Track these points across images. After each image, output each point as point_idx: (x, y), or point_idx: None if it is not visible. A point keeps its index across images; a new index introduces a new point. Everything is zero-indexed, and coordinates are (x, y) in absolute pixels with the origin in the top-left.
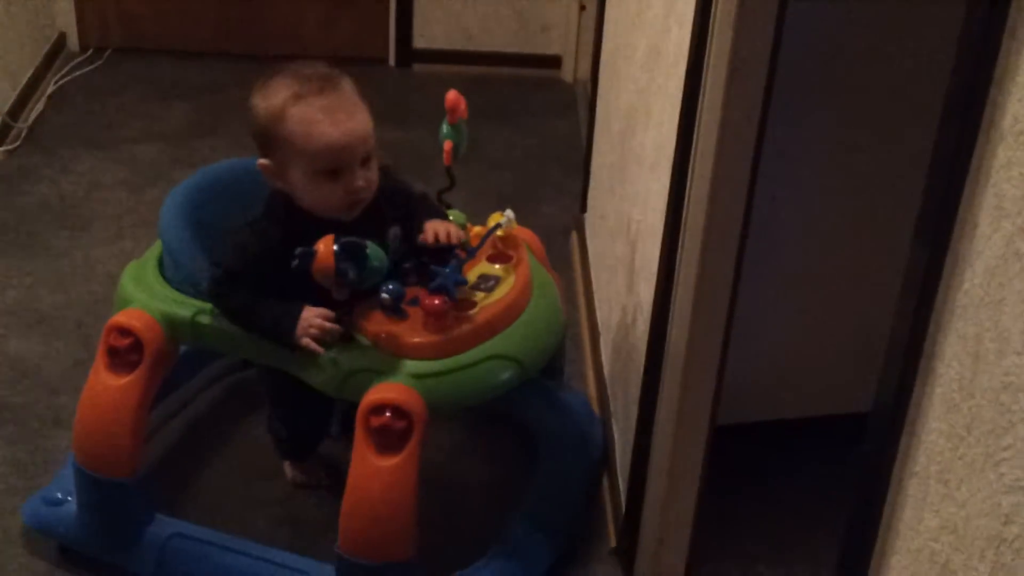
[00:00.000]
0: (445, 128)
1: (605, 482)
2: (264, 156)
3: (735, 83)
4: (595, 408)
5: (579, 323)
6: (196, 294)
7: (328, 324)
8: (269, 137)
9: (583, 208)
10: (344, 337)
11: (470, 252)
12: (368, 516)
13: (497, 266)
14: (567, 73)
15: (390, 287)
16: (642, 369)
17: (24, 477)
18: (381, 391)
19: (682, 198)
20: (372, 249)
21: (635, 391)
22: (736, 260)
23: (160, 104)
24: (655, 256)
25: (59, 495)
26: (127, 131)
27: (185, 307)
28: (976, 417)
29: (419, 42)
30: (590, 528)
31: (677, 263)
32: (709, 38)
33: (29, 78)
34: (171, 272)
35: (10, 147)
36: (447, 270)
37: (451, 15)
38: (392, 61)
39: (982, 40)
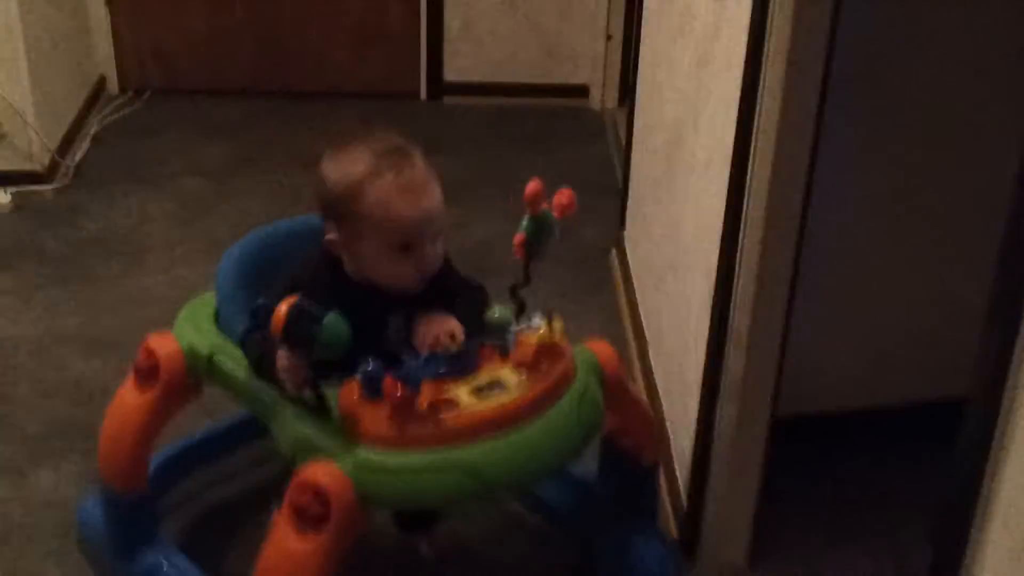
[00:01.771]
0: (524, 221)
1: (662, 476)
2: (332, 224)
3: (793, 76)
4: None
5: (624, 334)
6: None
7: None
8: (342, 210)
9: (622, 225)
10: (321, 408)
11: (501, 349)
12: None
13: (520, 374)
14: (595, 101)
15: (369, 366)
16: (702, 366)
17: None
18: (313, 469)
19: (742, 191)
20: (330, 321)
21: (693, 389)
22: (795, 250)
23: (200, 140)
24: (714, 251)
25: None
26: (170, 167)
27: (208, 344)
28: None
29: (449, 75)
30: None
31: (738, 255)
32: (767, 35)
33: (73, 119)
34: (220, 312)
35: (59, 185)
36: (418, 361)
37: (480, 48)
38: (424, 94)
39: None
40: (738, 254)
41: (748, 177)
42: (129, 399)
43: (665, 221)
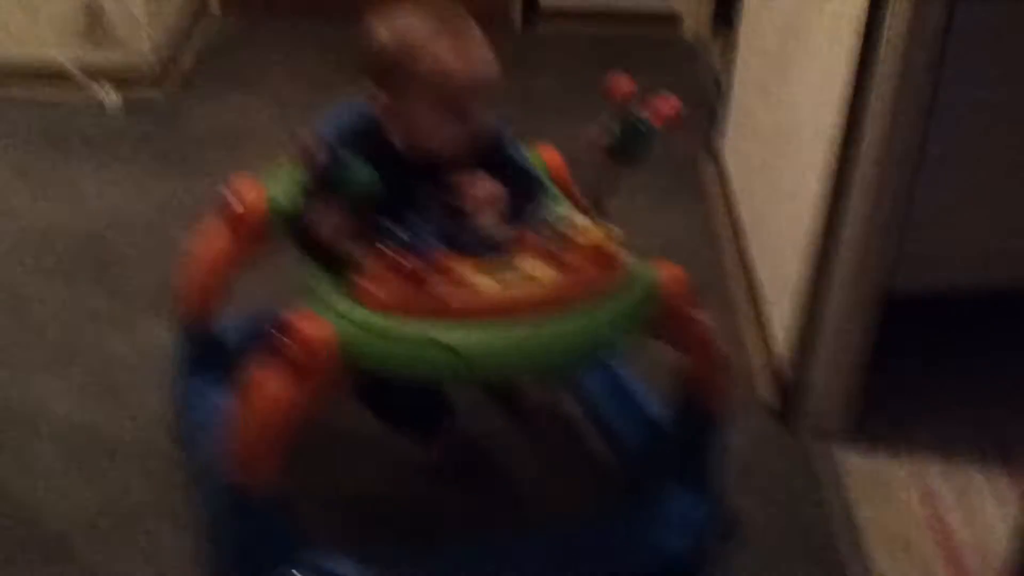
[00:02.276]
0: (609, 120)
1: (752, 337)
2: (379, 88)
3: None
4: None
5: (718, 231)
6: None
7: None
8: (393, 70)
9: (717, 133)
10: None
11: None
12: (232, 421)
13: (556, 272)
14: (688, 31)
15: (389, 232)
16: (814, 233)
17: None
18: (302, 313)
19: (874, 52)
20: (345, 155)
21: (801, 258)
22: (924, 117)
23: (300, 57)
24: (835, 121)
25: None
26: (272, 78)
27: (288, 199)
28: None
29: (544, 1)
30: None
31: (864, 123)
32: None
33: (180, 33)
34: None
35: (167, 90)
36: (430, 231)
37: None
38: (517, 20)
39: None
40: (865, 118)
41: (882, 35)
42: (206, 237)
43: (774, 109)
